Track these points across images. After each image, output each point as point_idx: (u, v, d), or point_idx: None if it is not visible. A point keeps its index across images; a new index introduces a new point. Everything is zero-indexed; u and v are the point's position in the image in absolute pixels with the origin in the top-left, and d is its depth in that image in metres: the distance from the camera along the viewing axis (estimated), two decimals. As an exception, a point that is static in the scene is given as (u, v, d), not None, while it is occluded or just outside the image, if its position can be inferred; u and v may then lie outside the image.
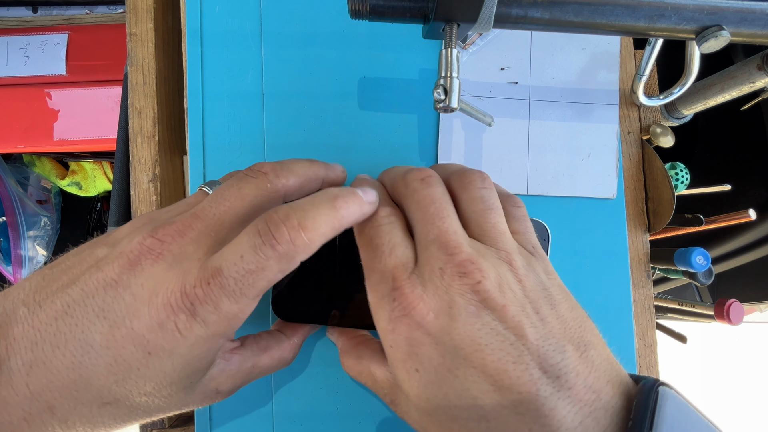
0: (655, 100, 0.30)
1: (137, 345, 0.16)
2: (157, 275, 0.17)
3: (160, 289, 0.17)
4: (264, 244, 0.17)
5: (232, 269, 0.17)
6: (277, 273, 0.17)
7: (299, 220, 0.17)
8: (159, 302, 0.16)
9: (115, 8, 0.62)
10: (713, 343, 1.26)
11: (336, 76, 0.29)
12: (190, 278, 0.17)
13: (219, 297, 0.17)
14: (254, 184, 0.19)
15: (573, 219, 0.30)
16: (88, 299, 0.17)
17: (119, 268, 0.17)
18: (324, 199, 0.18)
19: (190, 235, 0.18)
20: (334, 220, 0.18)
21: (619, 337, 0.29)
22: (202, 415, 0.27)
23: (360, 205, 0.19)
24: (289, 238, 0.17)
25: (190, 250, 0.18)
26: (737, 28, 0.21)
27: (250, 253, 0.17)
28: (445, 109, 0.22)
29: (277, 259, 0.17)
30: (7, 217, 0.68)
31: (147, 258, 0.17)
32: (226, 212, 0.18)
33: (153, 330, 0.16)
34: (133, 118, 0.30)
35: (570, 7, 0.21)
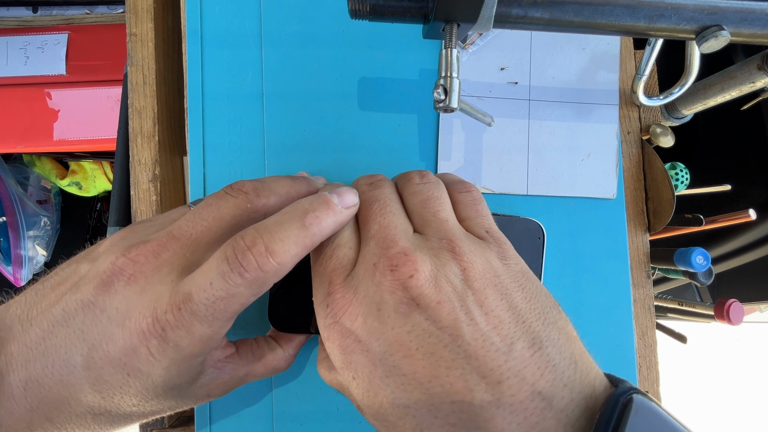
0: (655, 100, 0.30)
1: (115, 367, 0.17)
2: (129, 298, 0.17)
3: (133, 313, 0.17)
4: (232, 271, 0.16)
5: (202, 296, 0.16)
6: (249, 297, 0.17)
7: (266, 245, 0.16)
8: (132, 327, 0.16)
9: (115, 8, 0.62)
10: (713, 343, 1.26)
11: (336, 76, 0.29)
12: (161, 303, 0.17)
13: (191, 322, 0.16)
14: (233, 204, 0.19)
15: (573, 219, 0.30)
16: (69, 320, 0.17)
17: (94, 289, 0.17)
18: (293, 217, 0.18)
19: (164, 256, 0.17)
20: (305, 239, 0.17)
21: (619, 337, 0.29)
22: (202, 415, 0.27)
23: (334, 215, 0.18)
24: (257, 265, 0.16)
25: (164, 273, 0.17)
26: (737, 28, 0.21)
27: (218, 281, 0.16)
28: (445, 109, 0.22)
29: (246, 286, 0.17)
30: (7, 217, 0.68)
31: (119, 279, 0.17)
32: (203, 232, 0.18)
33: (128, 354, 0.16)
34: (133, 118, 0.30)
35: (570, 7, 0.21)
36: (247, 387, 0.27)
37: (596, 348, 0.29)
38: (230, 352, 0.21)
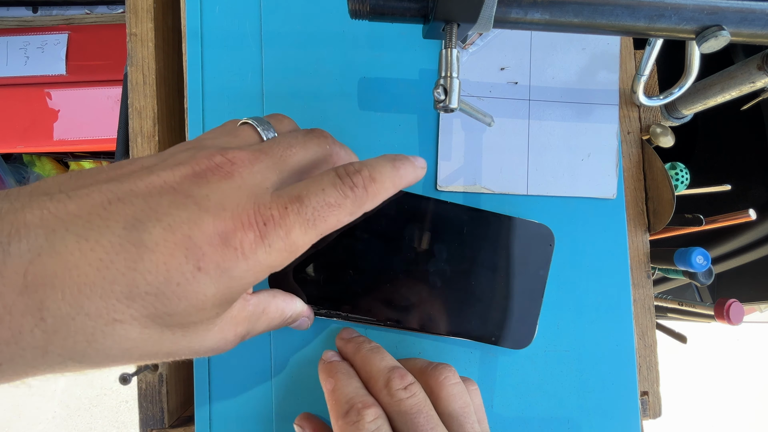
0: (655, 100, 0.30)
1: (189, 256, 0.14)
2: (226, 191, 0.16)
3: (229, 204, 0.16)
4: (344, 184, 0.18)
5: (313, 198, 0.17)
6: (347, 215, 0.18)
7: (370, 173, 0.19)
8: (227, 216, 0.15)
9: (115, 8, 0.62)
10: (713, 343, 1.26)
11: (336, 76, 0.29)
12: (264, 200, 0.16)
13: (293, 223, 0.17)
14: (317, 143, 0.21)
15: (573, 219, 0.30)
16: (137, 199, 0.15)
17: (181, 176, 0.16)
18: (386, 160, 0.21)
19: (259, 166, 0.18)
20: (395, 178, 0.20)
21: (619, 337, 0.29)
22: (202, 415, 0.27)
23: (414, 168, 0.22)
24: (364, 184, 0.19)
25: (259, 179, 0.17)
26: (737, 28, 0.21)
27: (331, 189, 0.18)
28: (445, 109, 0.22)
29: (352, 200, 0.18)
30: (7, 217, 0.68)
31: (215, 174, 0.16)
32: (292, 156, 0.19)
33: (213, 243, 0.15)
34: (133, 118, 0.30)
35: (570, 7, 0.21)
36: (247, 387, 0.27)
37: (596, 348, 0.29)
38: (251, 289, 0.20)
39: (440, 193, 0.29)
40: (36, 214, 0.13)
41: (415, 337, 0.28)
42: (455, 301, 0.27)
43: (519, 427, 0.28)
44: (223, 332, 0.18)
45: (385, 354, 0.23)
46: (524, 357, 0.28)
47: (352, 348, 0.24)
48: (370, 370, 0.22)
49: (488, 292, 0.27)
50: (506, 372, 0.28)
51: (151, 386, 0.29)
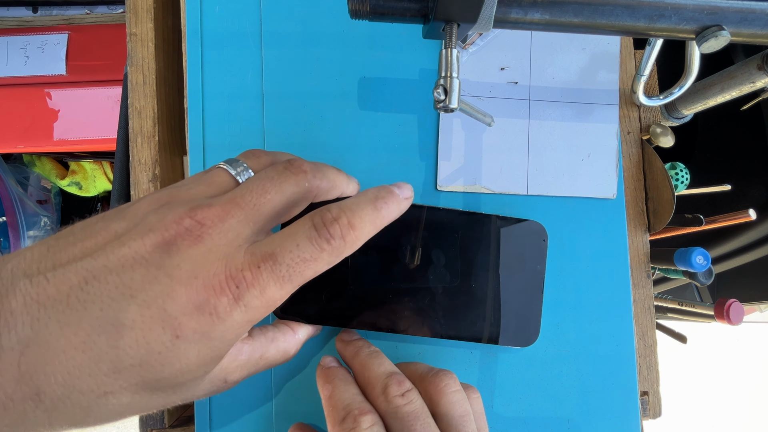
0: (655, 100, 0.30)
1: (166, 327, 0.15)
2: (195, 257, 0.16)
3: (200, 271, 0.16)
4: (320, 237, 0.18)
5: (287, 255, 0.17)
6: (325, 265, 0.18)
7: (349, 219, 0.18)
8: (199, 284, 0.16)
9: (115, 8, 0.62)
10: (713, 343, 1.26)
11: (336, 76, 0.29)
12: (236, 262, 0.16)
13: (267, 282, 0.16)
14: (294, 181, 0.20)
15: (573, 219, 0.30)
16: (111, 276, 0.15)
17: (151, 245, 0.16)
18: (367, 201, 0.20)
19: (230, 222, 0.17)
20: (376, 220, 0.20)
21: (619, 337, 0.29)
22: (202, 415, 0.27)
23: (398, 203, 0.21)
24: (341, 234, 0.18)
25: (230, 237, 0.17)
26: (737, 28, 0.21)
27: (306, 243, 0.17)
28: (445, 109, 0.22)
29: (329, 252, 0.18)
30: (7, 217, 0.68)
31: (185, 239, 0.16)
32: (266, 204, 0.18)
33: (188, 313, 0.15)
34: (133, 118, 0.30)
35: (570, 7, 0.21)
36: (247, 388, 0.27)
37: (596, 348, 0.29)
38: (246, 335, 0.21)
39: (440, 193, 0.29)
40: (20, 302, 0.14)
41: (414, 338, 0.28)
42: (456, 304, 0.27)
43: (519, 427, 0.28)
44: (214, 383, 0.19)
45: (383, 359, 0.23)
46: (524, 357, 0.28)
47: (351, 351, 0.24)
48: (368, 375, 0.22)
49: (488, 292, 0.27)
50: (506, 372, 0.28)
51: (151, 386, 0.29)
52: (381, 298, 0.26)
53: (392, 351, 0.28)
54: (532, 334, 0.27)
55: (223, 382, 0.19)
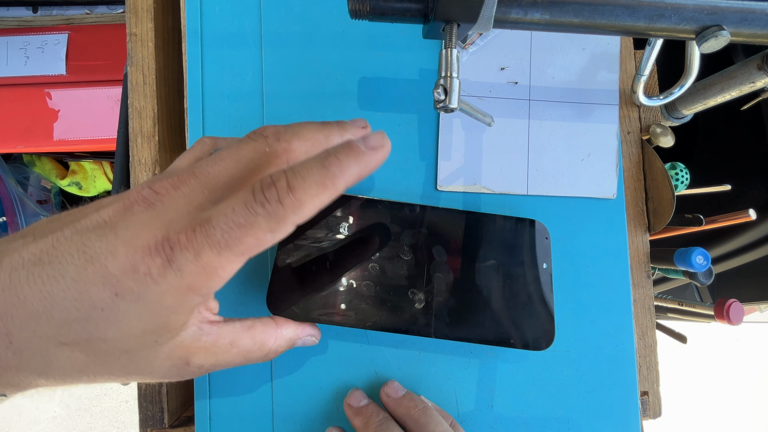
0: (655, 100, 0.30)
1: (106, 283, 0.16)
2: (143, 220, 0.17)
3: (143, 232, 0.17)
4: (255, 201, 0.17)
5: (221, 220, 0.17)
6: (267, 233, 0.17)
7: (288, 181, 0.17)
8: (138, 244, 0.16)
9: (115, 8, 0.62)
10: (713, 343, 1.26)
11: (336, 76, 0.29)
12: (176, 226, 0.17)
13: (202, 246, 0.16)
14: (252, 147, 0.19)
15: (573, 219, 0.30)
16: (76, 237, 0.17)
17: (113, 211, 0.17)
18: (315, 159, 0.18)
19: (184, 190, 0.18)
20: (325, 180, 0.17)
21: (619, 337, 0.29)
22: (202, 415, 0.27)
23: (356, 158, 0.18)
24: (278, 197, 0.17)
25: (181, 204, 0.18)
26: (737, 28, 0.21)
27: (240, 207, 0.17)
28: (445, 109, 0.22)
29: (265, 217, 0.17)
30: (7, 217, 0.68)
31: (140, 205, 0.17)
32: (221, 172, 0.19)
33: (125, 271, 0.16)
34: (133, 118, 0.30)
35: (570, 7, 0.21)
36: (247, 387, 0.27)
37: (596, 348, 0.29)
38: (217, 319, 0.20)
39: (440, 193, 0.29)
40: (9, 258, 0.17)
41: (414, 338, 0.28)
42: (463, 306, 0.26)
43: (519, 427, 0.28)
44: (173, 359, 0.19)
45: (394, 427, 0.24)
46: (524, 357, 0.28)
47: (360, 423, 0.25)
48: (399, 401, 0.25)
49: (494, 295, 0.27)
50: (506, 372, 0.28)
51: (151, 386, 0.29)
52: (381, 298, 0.26)
53: (393, 352, 0.28)
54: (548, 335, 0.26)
55: (185, 363, 0.19)
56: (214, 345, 0.20)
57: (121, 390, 1.20)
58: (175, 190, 0.18)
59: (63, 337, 0.16)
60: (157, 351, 0.18)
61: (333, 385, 0.27)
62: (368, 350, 0.28)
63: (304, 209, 0.17)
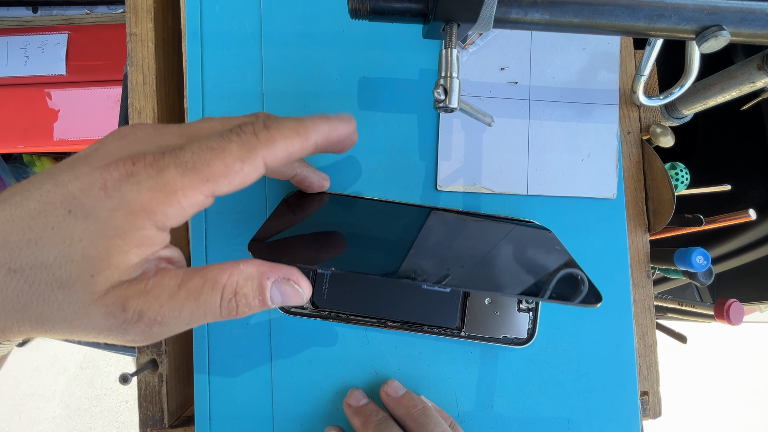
0: (655, 100, 0.30)
1: (63, 202, 0.16)
2: (113, 148, 0.17)
3: (109, 155, 0.17)
4: (231, 132, 0.17)
5: (193, 145, 0.17)
6: (235, 160, 0.17)
7: (265, 121, 0.18)
8: (102, 164, 0.16)
9: (115, 8, 0.62)
10: (713, 343, 1.26)
11: (336, 76, 0.29)
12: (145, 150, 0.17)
13: (167, 164, 0.16)
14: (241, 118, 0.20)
15: (573, 219, 0.30)
16: (56, 168, 0.17)
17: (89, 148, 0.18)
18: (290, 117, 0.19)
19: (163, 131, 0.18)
20: (298, 127, 0.19)
21: (619, 337, 0.29)
22: (202, 415, 0.27)
23: (328, 119, 0.20)
24: (253, 130, 0.18)
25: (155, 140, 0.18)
26: (737, 28, 0.21)
27: (215, 136, 0.17)
28: (445, 109, 0.22)
29: (238, 144, 0.17)
30: (7, 217, 0.68)
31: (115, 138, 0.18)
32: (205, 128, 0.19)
33: (83, 189, 0.16)
34: (133, 118, 0.30)
35: (570, 7, 0.21)
36: (247, 387, 0.27)
37: (596, 348, 0.29)
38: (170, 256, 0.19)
39: (440, 193, 0.29)
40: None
41: (414, 338, 0.28)
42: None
43: (519, 427, 0.28)
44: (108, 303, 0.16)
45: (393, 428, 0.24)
46: (524, 357, 0.28)
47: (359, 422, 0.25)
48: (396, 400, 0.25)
49: None
50: (506, 372, 0.28)
51: (151, 386, 0.29)
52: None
53: (392, 350, 0.28)
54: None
55: (121, 309, 0.16)
56: (157, 286, 0.17)
57: (121, 390, 1.20)
58: (155, 130, 0.18)
59: (13, 263, 0.16)
60: (92, 288, 0.16)
61: (333, 385, 0.27)
62: (368, 350, 0.28)
63: (275, 147, 0.18)
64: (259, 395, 0.27)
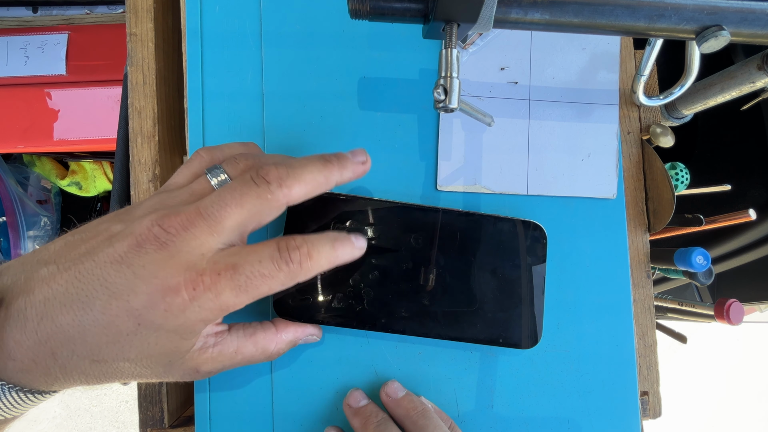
0: (655, 100, 0.30)
1: (129, 316, 0.19)
2: (158, 261, 0.19)
3: (160, 272, 0.19)
4: (281, 258, 0.20)
5: (247, 268, 0.19)
6: (279, 285, 0.20)
7: (309, 249, 0.21)
8: (158, 283, 0.19)
9: (115, 8, 0.62)
10: (713, 343, 1.26)
11: (336, 76, 0.29)
12: (198, 267, 0.19)
13: (224, 288, 0.19)
14: (255, 194, 0.21)
15: (573, 219, 0.30)
16: (96, 270, 0.19)
17: (127, 247, 0.19)
18: (327, 239, 0.22)
19: (193, 231, 0.20)
20: (330, 257, 0.22)
21: (619, 337, 0.29)
22: (202, 415, 0.27)
23: (352, 249, 0.23)
24: (300, 260, 0.20)
25: (194, 245, 0.20)
26: (737, 28, 0.21)
27: (268, 261, 0.20)
28: (445, 109, 0.22)
29: (286, 273, 0.20)
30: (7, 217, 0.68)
31: (152, 244, 0.19)
32: (227, 217, 0.20)
33: (146, 307, 0.19)
34: (133, 118, 0.30)
35: (570, 7, 0.21)
36: (247, 387, 0.27)
37: (596, 348, 0.29)
38: (221, 329, 0.22)
39: (440, 193, 0.29)
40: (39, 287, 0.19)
41: (414, 340, 0.28)
42: (456, 306, 0.27)
43: (519, 427, 0.28)
44: (184, 370, 0.21)
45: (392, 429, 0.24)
46: (524, 357, 0.28)
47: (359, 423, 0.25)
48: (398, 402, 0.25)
49: (487, 294, 0.27)
50: (506, 372, 0.28)
51: (151, 386, 0.29)
52: (379, 299, 0.26)
53: (392, 352, 0.28)
54: (534, 336, 0.27)
55: (195, 371, 0.22)
56: (220, 354, 0.22)
57: (121, 390, 1.20)
58: (185, 231, 0.20)
59: (95, 356, 0.19)
60: (171, 366, 0.21)
61: (333, 385, 0.27)
62: (368, 350, 0.28)
63: (311, 273, 0.21)
64: (259, 395, 0.27)
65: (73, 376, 0.19)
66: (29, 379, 0.19)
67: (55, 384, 0.20)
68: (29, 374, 0.19)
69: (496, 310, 0.27)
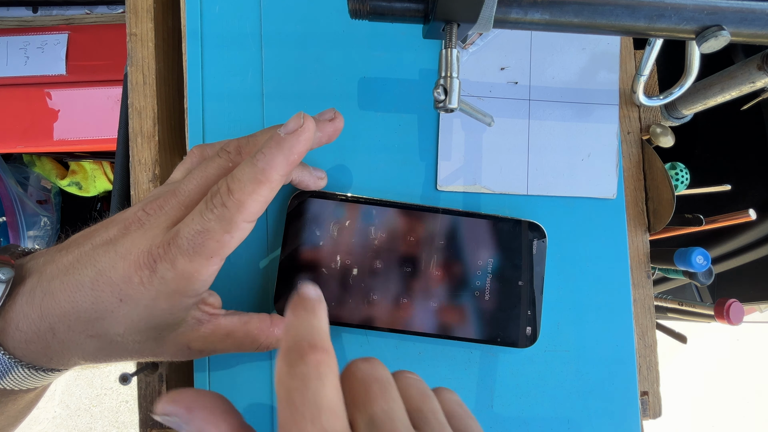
0: (655, 100, 0.30)
1: (112, 291, 0.20)
2: (135, 239, 0.20)
3: (134, 249, 0.20)
4: (207, 209, 0.20)
5: (185, 231, 0.20)
6: (223, 233, 0.20)
7: (228, 185, 0.20)
8: (131, 259, 0.20)
9: (115, 8, 0.62)
10: (713, 343, 1.26)
11: (336, 76, 0.29)
12: (156, 241, 0.20)
13: (175, 255, 0.20)
14: (216, 164, 0.22)
15: (573, 219, 0.30)
16: (91, 252, 0.21)
17: (117, 231, 0.21)
18: (247, 161, 0.20)
19: (166, 209, 0.21)
20: (257, 175, 0.20)
21: (619, 337, 0.29)
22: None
23: (279, 147, 0.20)
24: (222, 201, 0.20)
25: (162, 221, 0.21)
26: (737, 28, 0.21)
27: (197, 217, 0.20)
28: (445, 109, 0.22)
29: (216, 221, 0.20)
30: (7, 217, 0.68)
31: (134, 224, 0.21)
32: (194, 189, 0.22)
33: (124, 281, 0.20)
34: (133, 118, 0.30)
35: (570, 7, 0.21)
36: (247, 387, 0.27)
37: (596, 348, 0.29)
38: (217, 312, 0.23)
39: (440, 193, 0.29)
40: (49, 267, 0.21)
41: (414, 338, 0.28)
42: (454, 305, 0.27)
43: (519, 427, 0.28)
44: (176, 346, 0.22)
45: None
46: (524, 357, 0.28)
47: None
48: None
49: (486, 293, 0.27)
50: (506, 372, 0.28)
51: (151, 386, 0.29)
52: (379, 298, 0.26)
53: (392, 351, 0.28)
54: (533, 335, 0.27)
55: (186, 348, 0.22)
56: (212, 334, 0.22)
57: (121, 390, 1.20)
58: (160, 210, 0.21)
59: (89, 331, 0.20)
60: (162, 341, 0.21)
61: (333, 385, 0.27)
62: (368, 350, 0.28)
63: (247, 207, 0.20)
64: (259, 395, 0.27)
65: (71, 349, 0.21)
66: (31, 351, 0.20)
67: (54, 358, 0.21)
68: (31, 346, 0.20)
69: (495, 309, 0.27)
